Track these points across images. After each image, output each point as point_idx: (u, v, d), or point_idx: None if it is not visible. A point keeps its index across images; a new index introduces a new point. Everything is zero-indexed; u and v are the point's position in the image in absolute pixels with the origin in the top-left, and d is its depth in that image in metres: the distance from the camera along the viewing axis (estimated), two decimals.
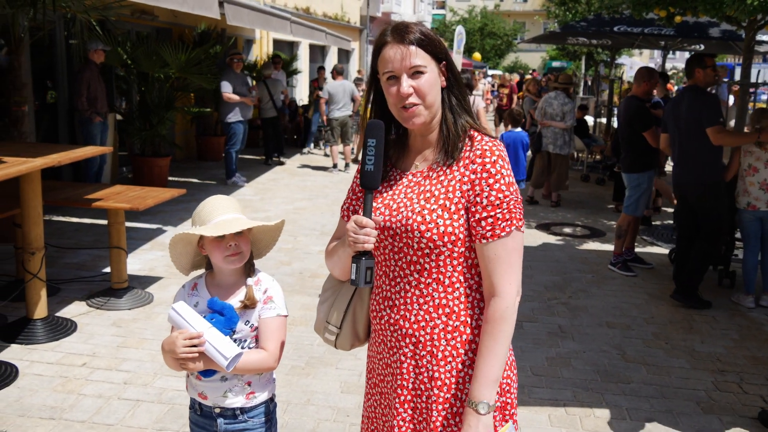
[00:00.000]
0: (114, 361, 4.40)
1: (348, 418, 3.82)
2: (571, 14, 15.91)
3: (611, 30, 9.62)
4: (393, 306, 1.95)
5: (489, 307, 1.84)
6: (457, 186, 1.85)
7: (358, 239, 1.83)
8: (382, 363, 2.03)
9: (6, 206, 4.87)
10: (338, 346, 2.15)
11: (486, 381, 1.81)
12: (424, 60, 1.86)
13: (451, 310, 1.88)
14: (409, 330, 1.92)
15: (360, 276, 1.84)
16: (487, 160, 1.84)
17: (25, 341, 4.57)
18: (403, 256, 1.90)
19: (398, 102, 1.88)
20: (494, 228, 1.81)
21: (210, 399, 2.29)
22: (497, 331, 1.82)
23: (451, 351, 1.89)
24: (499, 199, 1.81)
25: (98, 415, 3.73)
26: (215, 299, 2.23)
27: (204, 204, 2.26)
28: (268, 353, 2.24)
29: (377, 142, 1.87)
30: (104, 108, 8.79)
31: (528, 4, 51.81)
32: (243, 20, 7.46)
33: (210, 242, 2.20)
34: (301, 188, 10.57)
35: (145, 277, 6.01)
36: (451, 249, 1.85)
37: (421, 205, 1.87)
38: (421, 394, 1.93)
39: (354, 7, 24.08)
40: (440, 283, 1.88)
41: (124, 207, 5.02)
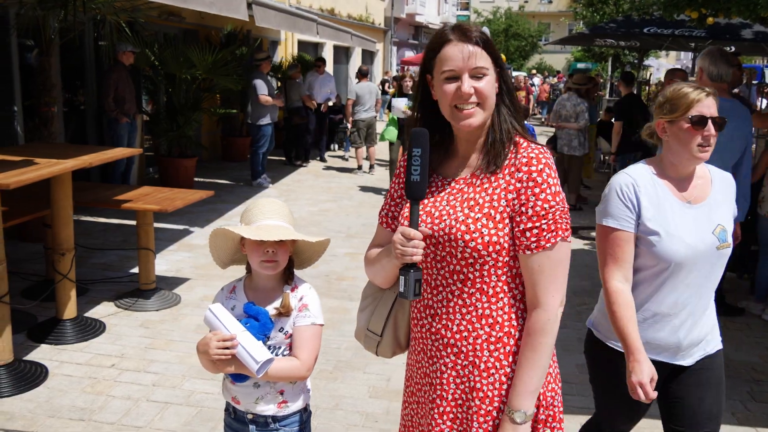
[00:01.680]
0: (142, 362, 4.40)
1: (377, 424, 3.79)
2: (598, 15, 15.77)
3: (641, 32, 9.50)
4: (435, 315, 1.91)
5: (531, 318, 1.80)
6: (502, 194, 1.81)
7: (406, 252, 1.78)
8: (421, 372, 1.99)
9: (36, 207, 4.90)
10: (379, 353, 2.12)
11: (524, 391, 1.79)
12: (486, 62, 1.82)
13: (494, 321, 1.85)
14: (450, 340, 1.88)
15: (409, 289, 1.80)
16: (534, 168, 1.78)
17: (55, 341, 4.59)
18: (446, 265, 1.86)
19: (455, 101, 1.82)
20: (539, 239, 1.77)
21: (242, 404, 2.27)
22: (537, 343, 1.79)
23: (494, 362, 1.85)
24: (544, 209, 1.77)
25: (127, 417, 3.73)
26: (251, 304, 2.22)
27: (254, 204, 2.25)
28: (301, 362, 2.21)
29: (422, 152, 1.81)
30: (132, 109, 8.85)
31: (553, 5, 51.51)
32: (270, 21, 7.47)
33: (250, 244, 2.18)
34: (325, 190, 10.57)
35: (172, 278, 6.03)
36: (495, 258, 1.81)
37: (465, 213, 1.82)
38: (462, 404, 1.89)
39: (378, 8, 24.09)
40: (484, 293, 1.84)
41: (153, 208, 5.03)
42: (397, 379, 4.32)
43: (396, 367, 4.48)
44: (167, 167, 9.77)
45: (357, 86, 12.04)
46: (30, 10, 6.41)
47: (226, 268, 2.38)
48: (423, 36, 30.26)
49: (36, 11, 6.42)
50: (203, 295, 5.66)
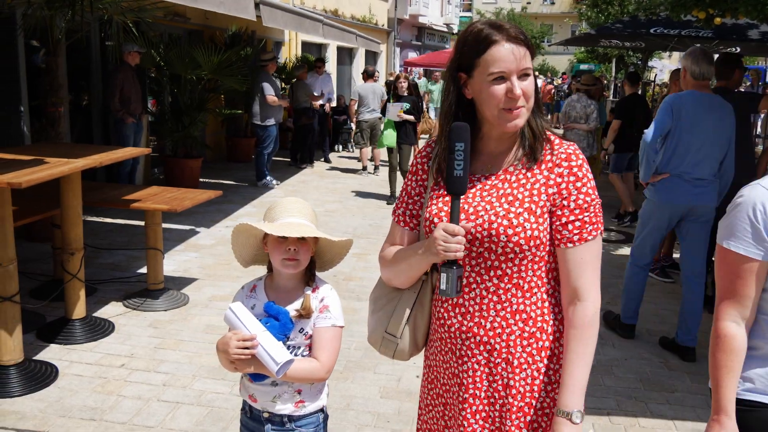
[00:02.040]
0: (152, 362, 4.39)
1: (388, 424, 3.77)
2: (603, 16, 15.74)
3: (647, 32, 9.48)
4: (466, 313, 1.89)
5: (576, 312, 1.79)
6: (542, 189, 1.82)
7: (449, 248, 1.75)
8: (449, 373, 1.96)
9: (45, 207, 4.89)
10: (396, 357, 2.07)
11: (577, 388, 1.76)
12: (530, 62, 1.82)
13: (528, 316, 1.84)
14: (483, 337, 1.87)
15: (451, 286, 1.78)
16: (574, 163, 1.82)
17: (64, 341, 4.58)
18: (483, 261, 1.84)
19: (505, 104, 1.79)
20: (581, 231, 1.79)
21: (259, 402, 2.25)
22: (587, 336, 1.78)
23: (527, 358, 1.85)
24: (586, 202, 1.79)
25: (138, 417, 3.72)
26: (271, 303, 2.20)
27: (278, 202, 2.24)
28: (320, 364, 2.19)
29: (465, 146, 1.78)
30: (138, 109, 8.85)
31: (555, 6, 51.52)
32: (277, 21, 7.46)
33: (272, 241, 2.17)
34: (330, 191, 10.56)
35: (179, 278, 6.02)
36: (534, 253, 1.81)
37: (505, 209, 1.81)
38: (495, 402, 1.88)
39: (381, 9, 24.08)
40: (519, 288, 1.84)
41: (162, 208, 5.02)
42: (408, 379, 4.31)
43: (406, 367, 4.47)
44: (172, 168, 9.76)
45: (359, 87, 12.03)
46: (37, 10, 6.40)
47: (248, 266, 2.37)
48: (426, 37, 30.26)
49: (43, 11, 6.41)
50: (211, 295, 5.65)
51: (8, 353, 3.99)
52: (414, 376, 4.34)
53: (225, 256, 6.78)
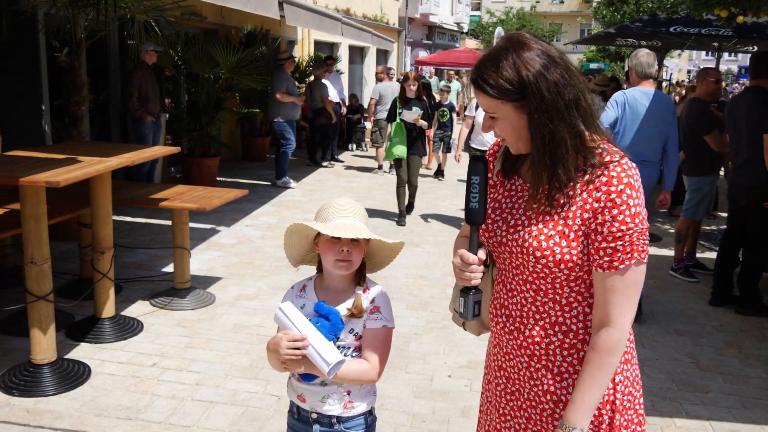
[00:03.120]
0: (183, 361, 4.38)
1: (424, 424, 3.76)
2: (619, 15, 15.68)
3: (667, 30, 9.43)
4: (510, 316, 1.90)
5: (600, 336, 1.75)
6: (578, 213, 1.75)
7: (464, 276, 1.83)
8: (495, 365, 2.00)
9: (73, 206, 4.88)
10: (467, 329, 2.17)
11: (584, 407, 1.75)
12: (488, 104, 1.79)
13: (568, 329, 1.82)
14: (524, 342, 1.87)
15: (468, 310, 1.87)
16: (613, 188, 1.71)
17: (94, 340, 4.58)
18: (520, 273, 1.85)
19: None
20: (612, 260, 1.72)
21: (308, 402, 2.23)
22: (604, 362, 1.74)
23: (568, 368, 1.84)
24: (621, 231, 1.70)
25: (174, 416, 3.71)
26: (322, 303, 2.18)
27: (331, 202, 2.23)
28: (371, 365, 2.18)
29: (480, 179, 1.83)
30: (156, 108, 8.86)
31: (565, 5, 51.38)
32: (299, 20, 7.47)
33: (325, 242, 2.15)
34: (347, 189, 10.54)
35: (204, 277, 6.01)
36: (567, 274, 1.78)
37: (539, 228, 1.78)
38: (536, 406, 1.89)
39: (393, 8, 24.06)
40: (557, 303, 1.82)
41: (191, 207, 5.02)
42: (439, 378, 4.29)
43: (437, 367, 4.46)
44: (190, 167, 9.77)
45: (380, 86, 12.01)
46: (61, 10, 6.40)
47: (297, 266, 2.35)
48: (437, 36, 30.22)
49: (67, 11, 6.42)
50: (237, 294, 5.65)
51: (42, 352, 3.99)
52: (446, 376, 4.33)
53: (248, 255, 6.78)
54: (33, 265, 3.87)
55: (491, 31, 35.54)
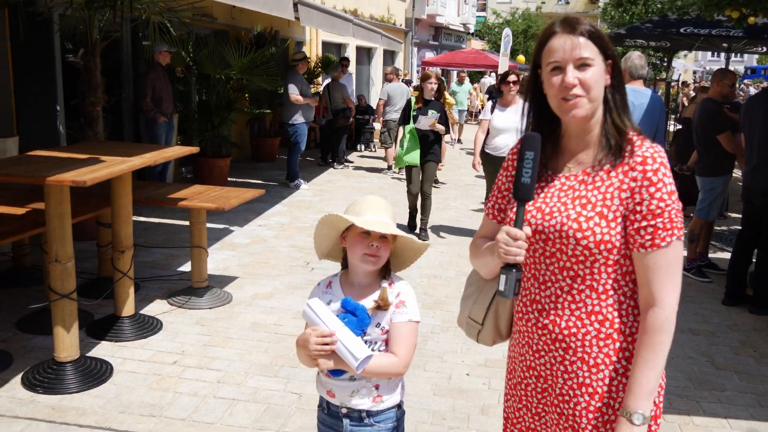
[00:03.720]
0: (204, 359, 4.42)
1: (445, 421, 3.79)
2: (627, 15, 15.69)
3: (677, 31, 9.45)
4: (542, 310, 1.91)
5: (647, 317, 1.77)
6: (615, 193, 1.80)
7: (509, 251, 1.78)
8: (524, 365, 2.00)
9: (93, 205, 4.92)
10: (480, 341, 2.17)
11: (642, 392, 1.76)
12: (592, 53, 1.81)
13: (604, 317, 1.83)
14: (559, 335, 1.88)
15: (509, 288, 1.80)
16: (649, 167, 1.77)
17: (114, 338, 4.63)
18: (556, 261, 1.86)
19: (560, 93, 1.82)
20: (654, 237, 1.75)
21: (337, 397, 2.26)
22: (655, 342, 1.76)
23: (603, 359, 1.84)
24: (660, 208, 1.75)
25: (197, 414, 3.75)
26: (349, 299, 2.21)
27: (363, 199, 2.26)
28: (398, 359, 2.21)
29: (534, 155, 1.81)
30: (169, 109, 8.91)
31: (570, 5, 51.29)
32: (313, 21, 7.52)
33: (354, 236, 2.18)
34: (358, 190, 10.58)
35: (220, 276, 6.05)
36: (606, 257, 1.80)
37: (577, 211, 1.82)
38: (569, 400, 1.89)
39: (399, 9, 24.09)
40: (594, 290, 1.83)
41: (210, 207, 5.05)
42: (458, 376, 4.32)
43: (455, 365, 4.49)
44: (202, 166, 9.81)
45: (389, 86, 12.05)
46: (77, 11, 6.45)
47: (322, 259, 2.39)
48: (443, 37, 30.24)
49: (83, 12, 6.47)
50: (254, 293, 5.69)
51: (65, 350, 4.03)
52: (464, 374, 4.36)
53: (262, 254, 6.82)
54: (57, 263, 3.91)
55: (497, 32, 35.57)
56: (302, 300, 5.56)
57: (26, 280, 5.69)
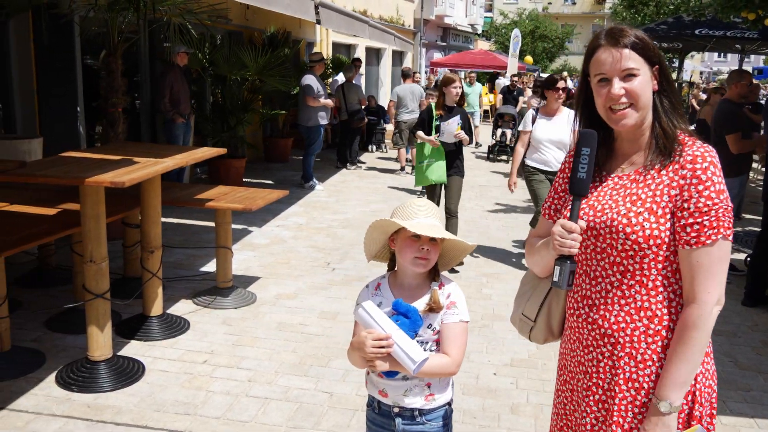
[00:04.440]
0: (233, 359, 4.47)
1: (476, 420, 3.83)
2: (639, 17, 15.71)
3: (692, 33, 9.47)
4: (593, 305, 1.97)
5: (684, 312, 1.84)
6: (665, 190, 1.86)
7: (564, 243, 1.87)
8: (575, 360, 2.05)
9: (121, 205, 4.96)
10: (532, 339, 2.23)
11: (672, 382, 1.83)
12: (636, 63, 1.88)
13: (653, 314, 1.88)
14: (608, 330, 1.93)
15: (563, 279, 1.89)
16: (698, 166, 1.83)
17: (144, 338, 4.67)
18: (606, 256, 1.92)
19: (608, 103, 1.90)
20: (699, 235, 1.81)
21: (390, 397, 2.30)
22: (688, 337, 1.82)
23: (651, 354, 1.89)
24: (707, 206, 1.80)
25: (231, 412, 3.80)
26: (400, 301, 2.24)
27: (411, 202, 2.30)
28: (451, 359, 2.25)
29: (591, 151, 1.91)
30: (187, 109, 8.97)
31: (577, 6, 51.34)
32: (332, 23, 7.58)
33: (404, 239, 2.22)
34: (372, 190, 10.62)
35: (243, 276, 6.09)
36: (655, 252, 1.85)
37: (627, 207, 1.88)
38: (614, 395, 1.93)
39: (408, 9, 24.13)
40: (643, 286, 1.88)
41: (237, 207, 5.10)
42: (485, 376, 4.36)
43: (481, 365, 4.52)
44: (217, 167, 9.86)
45: (398, 88, 12.09)
46: (100, 13, 6.51)
47: (370, 261, 2.43)
48: (451, 38, 30.28)
49: (105, 13, 6.52)
50: (277, 293, 5.73)
51: (99, 349, 4.08)
52: (491, 374, 4.39)
53: (283, 255, 6.86)
54: (92, 263, 3.96)
55: (504, 33, 35.60)
56: (326, 300, 5.61)
57: (51, 280, 5.74)
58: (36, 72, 7.15)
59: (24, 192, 5.14)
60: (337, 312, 5.37)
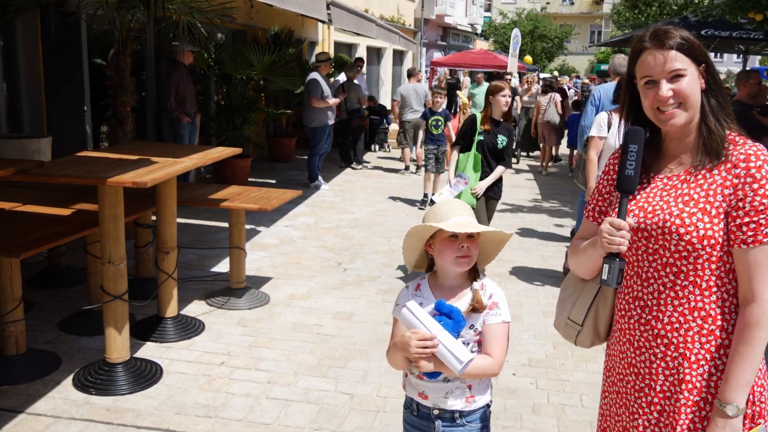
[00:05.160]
0: (251, 360, 4.43)
1: (498, 421, 3.81)
2: (643, 17, 15.70)
3: (698, 34, 9.44)
4: (645, 306, 1.94)
5: (744, 312, 1.82)
6: (718, 190, 1.84)
7: (613, 241, 1.86)
8: (625, 362, 2.03)
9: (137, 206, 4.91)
10: (578, 343, 2.19)
11: (736, 384, 1.80)
12: (683, 63, 1.86)
13: (707, 314, 1.86)
14: (661, 331, 1.91)
15: (612, 276, 1.88)
16: (752, 164, 1.82)
17: (159, 339, 4.63)
18: (659, 258, 1.90)
19: (656, 105, 1.89)
20: (756, 234, 1.79)
21: (430, 399, 2.27)
22: (752, 336, 1.80)
23: (705, 354, 1.87)
24: (763, 204, 1.79)
25: (252, 414, 3.76)
26: (443, 301, 2.22)
27: (440, 204, 2.27)
28: (494, 359, 2.22)
29: (638, 148, 1.90)
30: (193, 109, 8.92)
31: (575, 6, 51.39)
32: (342, 22, 7.55)
33: (442, 241, 2.20)
34: (377, 190, 10.59)
35: (255, 277, 6.05)
36: (709, 253, 1.84)
37: (680, 208, 1.87)
38: (670, 396, 1.91)
39: (409, 9, 24.10)
40: (697, 286, 1.86)
41: (253, 208, 5.06)
42: (504, 376, 4.33)
43: None
44: (223, 167, 9.80)
45: (402, 88, 12.07)
46: (109, 11, 6.46)
47: (413, 271, 2.40)
48: (451, 37, 30.26)
49: (114, 12, 6.47)
50: (290, 293, 5.69)
51: (117, 351, 4.04)
52: (510, 375, 4.36)
53: (293, 255, 6.83)
54: (110, 264, 3.92)
55: (503, 33, 35.61)
56: (339, 301, 5.57)
57: (61, 280, 5.70)
58: (44, 70, 7.09)
59: (35, 192, 5.08)
60: (352, 312, 5.34)
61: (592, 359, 4.58)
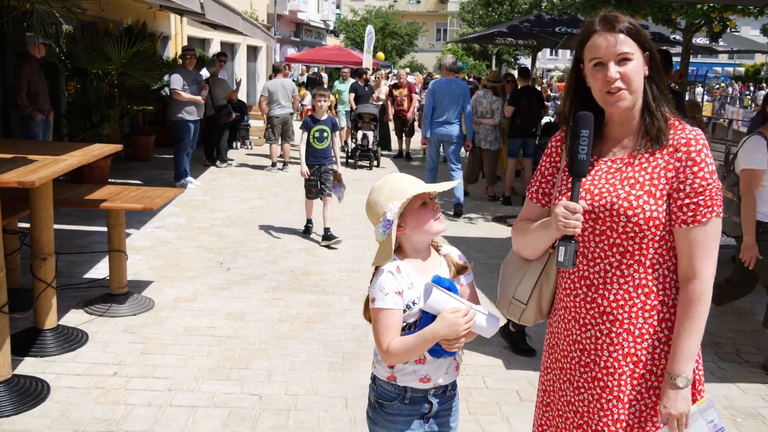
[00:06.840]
0: (146, 368, 4.19)
1: None
2: (496, 14, 16.35)
3: (553, 30, 9.99)
4: (591, 285, 2.02)
5: (686, 288, 1.94)
6: (662, 173, 1.95)
7: (569, 224, 1.92)
8: (569, 339, 2.10)
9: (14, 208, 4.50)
10: (522, 321, 2.24)
11: (684, 357, 1.93)
12: (631, 48, 1.95)
13: (650, 290, 1.98)
14: (607, 308, 2.00)
15: (569, 258, 1.94)
16: (692, 148, 1.93)
17: (39, 354, 4.27)
18: (606, 238, 1.98)
19: (604, 87, 1.96)
20: (696, 214, 1.92)
21: (432, 380, 2.20)
22: (695, 311, 1.93)
23: (648, 329, 1.98)
24: (702, 186, 1.91)
25: (158, 425, 3.56)
26: (438, 276, 2.15)
27: (394, 179, 2.19)
28: None
29: (590, 133, 1.96)
30: (46, 105, 8.28)
31: (421, 5, 52.75)
32: (214, 14, 7.27)
33: (416, 211, 2.15)
34: (246, 188, 10.34)
35: (133, 281, 5.71)
36: (653, 233, 1.94)
37: (626, 191, 1.96)
38: (614, 372, 2.00)
39: (261, 4, 23.73)
40: (641, 265, 1.97)
41: (137, 207, 4.78)
42: None
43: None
44: (81, 166, 9.17)
45: (269, 83, 11.87)
46: None
47: None
48: (304, 33, 30.11)
49: None
50: (175, 296, 5.44)
51: None
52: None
53: (171, 256, 6.53)
54: None
55: (355, 29, 35.92)
56: (228, 301, 5.40)
57: None
58: None
59: None
60: (244, 312, 5.19)
61: (487, 342, 4.69)
